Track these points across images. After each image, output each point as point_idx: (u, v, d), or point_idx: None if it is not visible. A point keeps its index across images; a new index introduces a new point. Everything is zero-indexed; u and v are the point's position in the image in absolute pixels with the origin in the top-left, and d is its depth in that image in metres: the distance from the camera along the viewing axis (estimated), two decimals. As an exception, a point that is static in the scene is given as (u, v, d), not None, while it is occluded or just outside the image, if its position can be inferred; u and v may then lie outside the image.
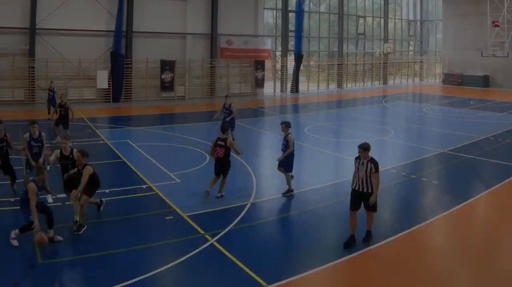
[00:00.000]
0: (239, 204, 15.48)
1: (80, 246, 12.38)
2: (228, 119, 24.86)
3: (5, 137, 16.07)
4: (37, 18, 39.34)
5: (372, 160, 12.57)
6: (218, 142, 16.06)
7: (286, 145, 16.74)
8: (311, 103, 46.49)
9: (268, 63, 52.74)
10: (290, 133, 16.80)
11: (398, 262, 12.10)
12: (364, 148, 12.60)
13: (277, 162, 16.96)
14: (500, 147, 25.94)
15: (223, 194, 16.29)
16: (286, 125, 17.03)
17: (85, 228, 13.26)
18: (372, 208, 12.71)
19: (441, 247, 13.21)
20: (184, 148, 24.14)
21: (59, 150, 14.69)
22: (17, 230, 12.09)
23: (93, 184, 13.76)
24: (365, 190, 12.59)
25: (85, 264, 11.45)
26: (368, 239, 12.89)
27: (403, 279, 11.13)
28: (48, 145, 18.01)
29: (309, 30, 56.84)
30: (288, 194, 16.85)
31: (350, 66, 61.46)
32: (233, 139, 22.43)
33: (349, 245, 12.51)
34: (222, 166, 16.14)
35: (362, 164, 12.64)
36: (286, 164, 16.77)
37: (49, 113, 30.72)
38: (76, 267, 11.39)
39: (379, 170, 12.44)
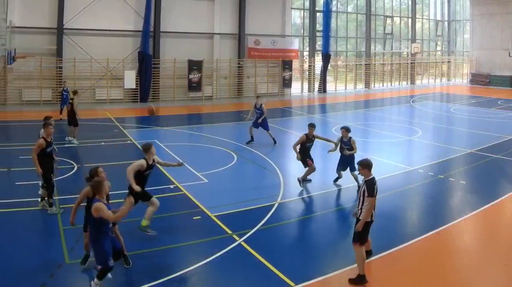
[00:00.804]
0: (266, 204, 15.08)
1: None
2: (260, 120, 24.43)
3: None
4: (64, 18, 38.39)
5: (368, 181, 10.39)
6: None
7: (350, 147, 16.62)
8: (338, 103, 45.23)
9: (295, 63, 51.58)
10: (351, 137, 16.59)
11: (426, 262, 11.57)
12: (363, 165, 10.61)
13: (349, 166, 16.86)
14: (528, 147, 24.95)
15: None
16: (346, 130, 16.89)
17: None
18: (354, 237, 10.40)
19: (469, 248, 12.89)
20: (212, 147, 23.53)
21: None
22: (95, 280, 9.67)
23: None
24: (358, 215, 10.48)
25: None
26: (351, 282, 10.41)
27: (430, 280, 10.69)
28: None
29: (336, 30, 55.25)
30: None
31: (377, 66, 59.83)
32: (272, 139, 24.18)
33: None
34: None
35: (363, 182, 10.67)
36: (352, 165, 16.55)
37: (61, 113, 29.73)
38: None
39: (375, 195, 10.26)
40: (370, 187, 10.21)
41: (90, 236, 9.76)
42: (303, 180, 17.38)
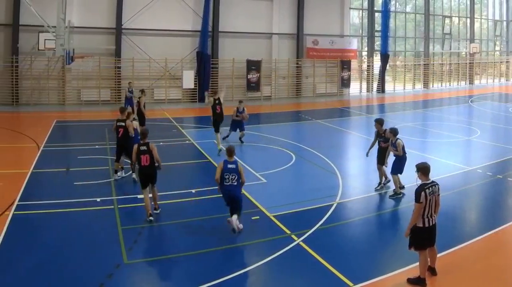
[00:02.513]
0: (325, 204, 14.30)
1: (166, 246, 11.59)
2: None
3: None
4: (123, 18, 36.52)
5: (418, 186, 9.55)
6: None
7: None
8: (397, 103, 42.22)
9: (354, 63, 48.44)
10: (398, 139, 15.18)
11: (484, 262, 10.81)
12: (417, 168, 9.77)
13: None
14: None
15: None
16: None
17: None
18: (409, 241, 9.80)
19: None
20: (270, 147, 22.24)
21: None
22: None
23: None
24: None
25: (170, 264, 10.67)
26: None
27: (488, 279, 10.00)
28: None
29: (395, 30, 51.66)
30: (395, 196, 15.24)
31: (436, 66, 55.78)
32: (240, 139, 22.39)
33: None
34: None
35: None
36: (394, 167, 15.30)
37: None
38: (162, 267, 10.57)
39: (420, 200, 9.36)
40: (416, 192, 9.44)
41: None
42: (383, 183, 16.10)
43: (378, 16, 49.71)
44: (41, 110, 32.46)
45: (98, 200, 14.29)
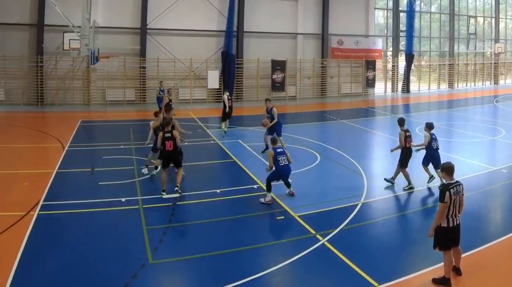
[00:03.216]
0: (350, 204, 13.97)
1: (192, 246, 11.24)
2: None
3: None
4: (148, 18, 35.61)
5: (442, 186, 9.45)
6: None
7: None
8: (422, 103, 40.92)
9: (379, 63, 46.91)
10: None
11: (508, 262, 10.47)
12: (441, 168, 9.77)
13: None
14: None
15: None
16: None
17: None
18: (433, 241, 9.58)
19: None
20: (295, 147, 21.40)
21: None
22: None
23: None
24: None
25: (195, 264, 10.36)
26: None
27: None
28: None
29: (420, 30, 50.07)
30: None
31: (461, 66, 54.07)
32: (266, 145, 19.82)
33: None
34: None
35: None
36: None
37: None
38: (187, 267, 10.29)
39: (444, 200, 9.14)
40: (441, 192, 9.24)
41: None
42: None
43: (403, 16, 48.27)
44: (66, 111, 31.97)
45: (123, 200, 14.02)
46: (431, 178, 15.74)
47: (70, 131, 24.44)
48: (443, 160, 10.00)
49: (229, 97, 24.93)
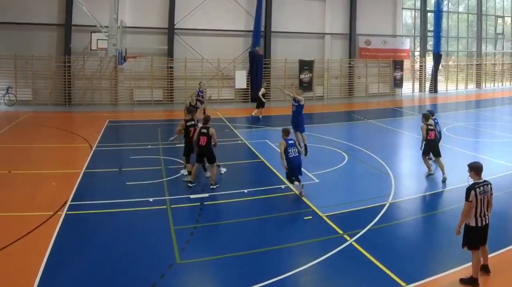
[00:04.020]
0: (377, 204, 13.60)
1: (219, 246, 10.92)
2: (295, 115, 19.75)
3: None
4: (175, 18, 34.65)
5: (470, 185, 9.09)
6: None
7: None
8: (449, 103, 39.47)
9: (406, 63, 45.40)
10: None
11: None
12: (469, 167, 9.33)
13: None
14: None
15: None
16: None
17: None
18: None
19: None
20: (323, 148, 21.14)
21: None
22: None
23: None
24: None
25: (223, 264, 10.01)
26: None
27: None
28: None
29: (447, 30, 48.31)
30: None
31: (488, 66, 52.31)
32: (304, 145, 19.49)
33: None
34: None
35: None
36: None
37: (204, 113, 26.19)
38: (214, 267, 9.94)
39: (469, 199, 8.91)
40: (467, 191, 9.02)
41: None
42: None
43: (430, 16, 46.65)
44: (93, 110, 31.27)
45: (151, 200, 13.78)
46: (430, 173, 16.29)
47: (98, 131, 23.93)
48: (471, 160, 9.27)
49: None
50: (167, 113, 31.58)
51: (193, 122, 15.89)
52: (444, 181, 15.62)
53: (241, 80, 36.36)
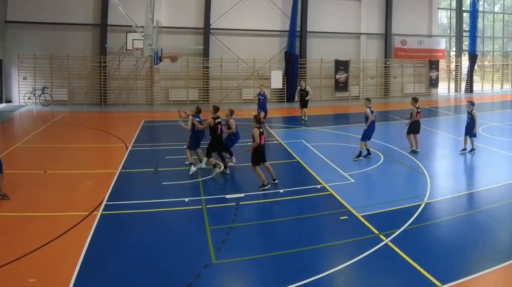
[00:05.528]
0: (413, 204, 12.95)
1: (254, 246, 10.49)
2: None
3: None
4: (211, 18, 33.08)
5: None
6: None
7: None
8: (485, 103, 37.18)
9: (442, 63, 42.96)
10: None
11: None
12: None
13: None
14: None
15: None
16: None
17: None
18: None
19: None
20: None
21: None
22: None
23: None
24: None
25: (258, 264, 9.69)
26: None
27: None
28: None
29: (483, 30, 45.84)
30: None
31: (524, 66, 49.41)
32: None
33: None
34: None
35: None
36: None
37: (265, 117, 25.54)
38: (250, 267, 9.60)
39: None
40: None
41: None
42: None
43: (466, 16, 44.01)
44: (129, 110, 30.09)
45: (186, 200, 13.48)
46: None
47: (133, 131, 23.09)
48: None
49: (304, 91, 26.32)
50: (203, 113, 29.56)
51: (219, 119, 15.46)
52: (413, 151, 18.17)
53: (277, 80, 34.69)
